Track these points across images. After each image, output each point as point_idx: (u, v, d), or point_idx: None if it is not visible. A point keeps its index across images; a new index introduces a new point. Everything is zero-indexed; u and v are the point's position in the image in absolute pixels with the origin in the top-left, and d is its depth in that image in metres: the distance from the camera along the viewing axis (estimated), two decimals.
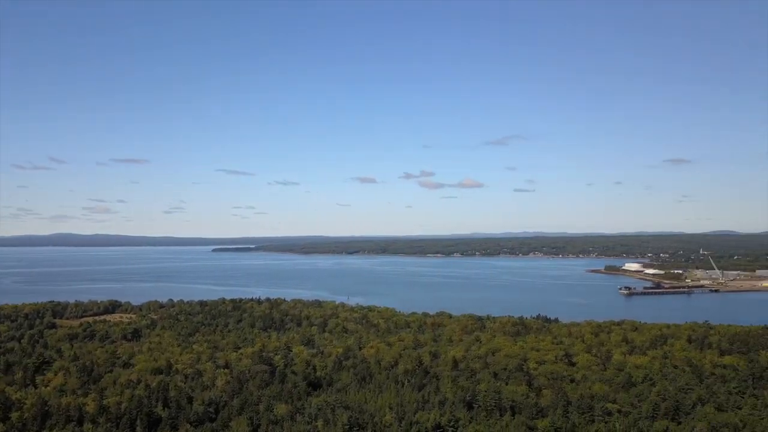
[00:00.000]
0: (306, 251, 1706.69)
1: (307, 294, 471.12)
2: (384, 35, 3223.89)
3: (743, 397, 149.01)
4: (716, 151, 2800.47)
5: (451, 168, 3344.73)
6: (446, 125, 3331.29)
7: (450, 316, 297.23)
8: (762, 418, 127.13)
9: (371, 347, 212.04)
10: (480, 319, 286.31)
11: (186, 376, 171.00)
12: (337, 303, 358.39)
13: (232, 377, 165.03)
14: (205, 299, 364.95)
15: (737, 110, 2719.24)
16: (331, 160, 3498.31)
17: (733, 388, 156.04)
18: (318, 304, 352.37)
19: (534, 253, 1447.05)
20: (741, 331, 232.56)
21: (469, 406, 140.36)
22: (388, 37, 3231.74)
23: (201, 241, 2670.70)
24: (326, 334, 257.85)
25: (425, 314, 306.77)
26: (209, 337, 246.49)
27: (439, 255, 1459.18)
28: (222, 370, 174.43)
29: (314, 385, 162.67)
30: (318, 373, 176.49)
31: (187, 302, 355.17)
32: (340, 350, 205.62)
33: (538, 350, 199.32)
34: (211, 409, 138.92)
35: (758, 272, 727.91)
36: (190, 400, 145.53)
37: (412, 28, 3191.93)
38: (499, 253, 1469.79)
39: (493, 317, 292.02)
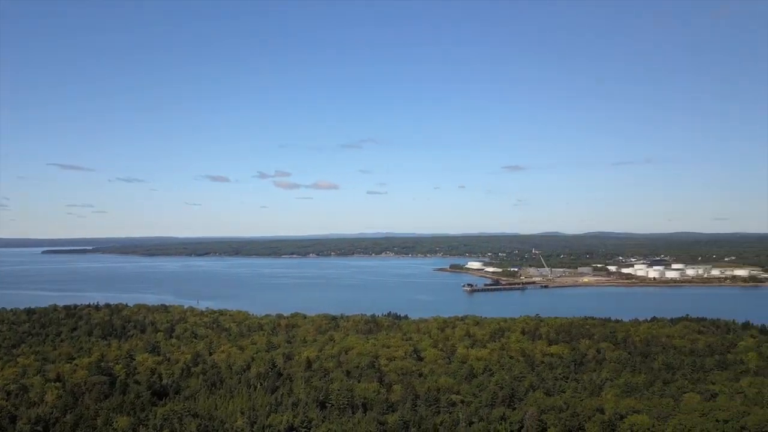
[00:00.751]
0: (151, 253, 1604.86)
1: (152, 298, 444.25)
2: (241, 35, 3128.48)
3: (567, 382, 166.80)
4: (545, 159, 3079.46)
5: (307, 169, 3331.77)
6: (302, 126, 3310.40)
7: (304, 317, 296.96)
8: (582, 399, 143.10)
9: (222, 352, 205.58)
10: (334, 318, 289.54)
11: (8, 393, 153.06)
12: (185, 307, 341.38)
13: (64, 391, 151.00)
14: (32, 306, 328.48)
15: (564, 120, 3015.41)
16: (179, 156, 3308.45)
17: (559, 374, 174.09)
18: (164, 308, 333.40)
19: (386, 253, 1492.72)
20: (565, 323, 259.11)
21: (322, 406, 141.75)
22: (244, 37, 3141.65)
23: (29, 243, 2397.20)
24: (173, 340, 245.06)
25: (279, 316, 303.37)
26: (38, 348, 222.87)
27: (294, 256, 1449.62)
28: (53, 383, 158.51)
29: (160, 394, 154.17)
30: (164, 381, 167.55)
31: (11, 310, 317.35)
32: (189, 356, 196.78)
33: (388, 347, 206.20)
34: (39, 428, 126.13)
35: (579, 269, 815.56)
36: (14, 419, 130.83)
37: (271, 30, 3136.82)
38: (353, 253, 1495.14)
39: (347, 316, 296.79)
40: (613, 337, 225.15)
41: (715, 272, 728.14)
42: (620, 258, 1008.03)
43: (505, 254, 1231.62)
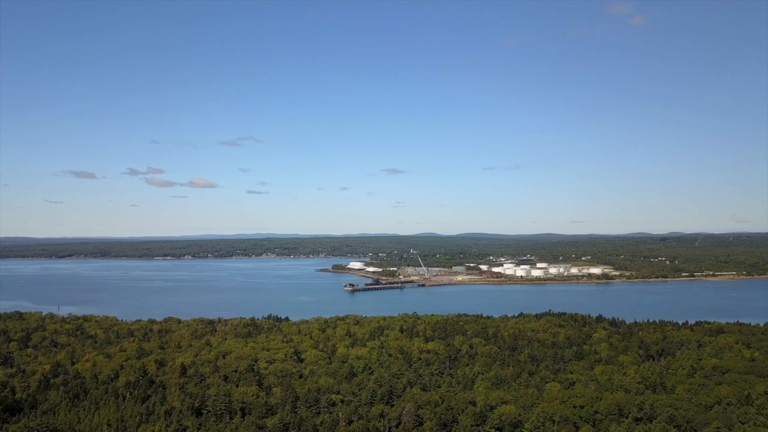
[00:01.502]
0: (3, 255, 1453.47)
1: (4, 305, 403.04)
2: (112, 24, 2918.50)
3: (442, 377, 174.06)
4: (423, 163, 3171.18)
5: (182, 166, 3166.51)
6: (177, 121, 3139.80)
7: (179, 322, 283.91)
8: (456, 393, 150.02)
9: (87, 361, 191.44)
10: (211, 322, 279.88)
11: None
12: (44, 314, 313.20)
13: None
14: None
15: (440, 126, 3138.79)
16: (37, 149, 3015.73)
17: (435, 369, 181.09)
18: (19, 316, 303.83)
19: (267, 254, 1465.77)
20: (441, 320, 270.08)
21: (198, 413, 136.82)
22: (115, 26, 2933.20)
23: None
24: (29, 350, 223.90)
25: (151, 321, 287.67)
26: None
27: (168, 257, 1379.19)
28: None
29: (12, 410, 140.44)
30: (18, 396, 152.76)
31: None
32: (48, 367, 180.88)
33: (268, 350, 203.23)
34: None
35: (454, 269, 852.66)
36: None
37: (145, 20, 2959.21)
38: (232, 255, 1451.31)
39: (225, 319, 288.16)
40: (485, 333, 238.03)
41: (574, 270, 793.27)
42: (491, 257, 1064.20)
43: (385, 254, 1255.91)
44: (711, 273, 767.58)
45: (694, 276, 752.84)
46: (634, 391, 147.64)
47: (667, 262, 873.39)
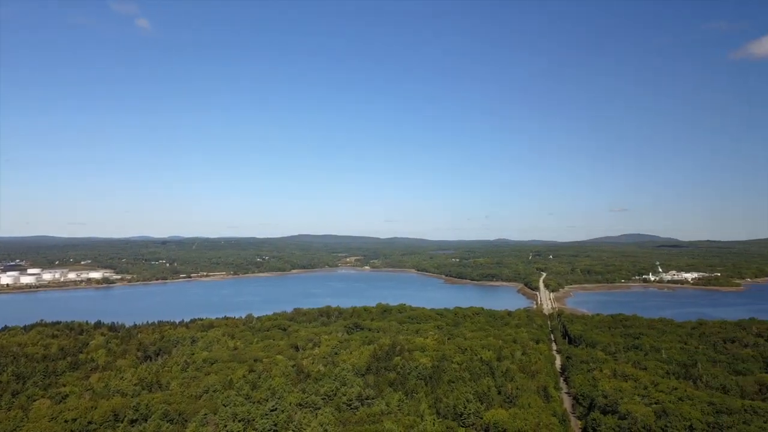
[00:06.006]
0: None
1: None
2: None
3: None
4: None
5: None
6: None
7: None
8: None
9: None
10: None
11: None
12: None
13: None
14: None
15: None
16: None
17: None
18: None
19: None
20: None
21: None
22: None
23: None
24: None
25: None
26: None
27: None
28: None
29: None
30: None
31: None
32: None
33: None
34: None
35: None
36: None
37: None
38: None
39: None
40: None
41: (72, 275, 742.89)
42: None
43: None
44: (205, 273, 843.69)
45: (191, 277, 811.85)
46: (131, 394, 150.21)
47: (168, 265, 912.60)
